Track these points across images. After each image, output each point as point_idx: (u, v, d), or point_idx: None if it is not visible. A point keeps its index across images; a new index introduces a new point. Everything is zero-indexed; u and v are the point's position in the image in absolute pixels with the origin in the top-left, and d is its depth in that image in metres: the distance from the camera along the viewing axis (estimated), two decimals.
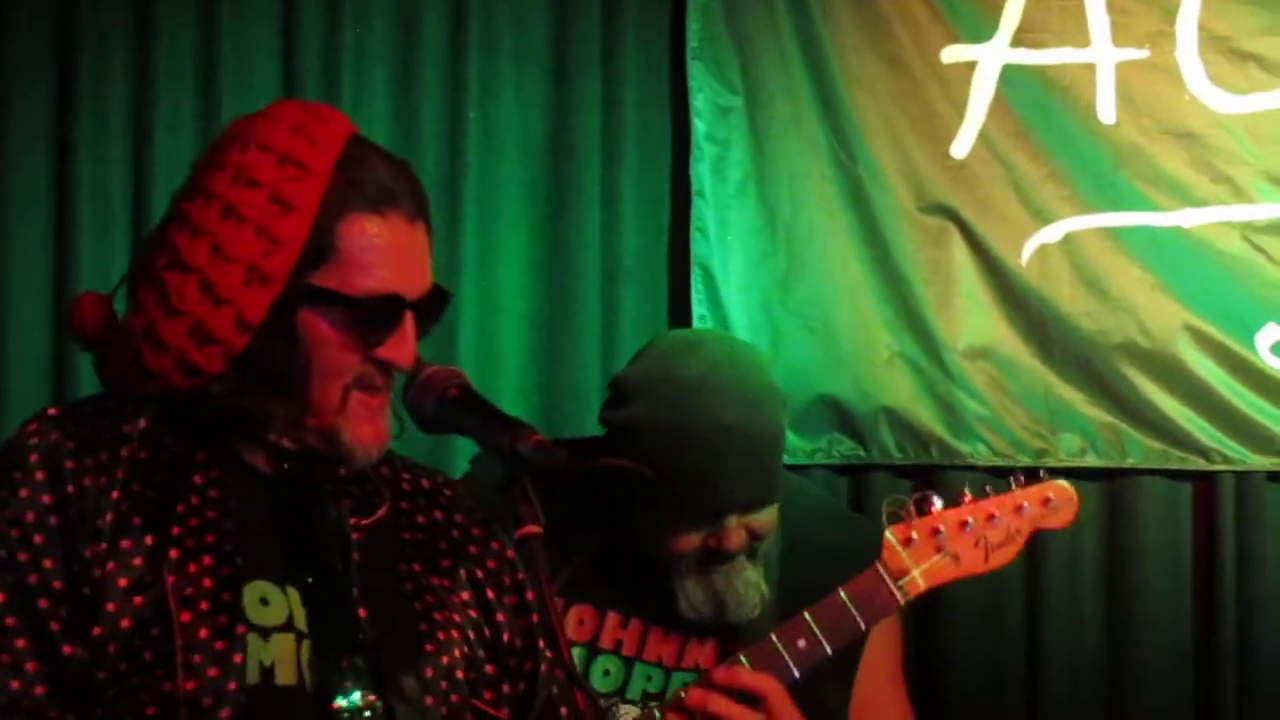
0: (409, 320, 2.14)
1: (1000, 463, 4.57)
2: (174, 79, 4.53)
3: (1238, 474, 4.62)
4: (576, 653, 2.89)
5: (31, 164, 4.48)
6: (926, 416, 4.68)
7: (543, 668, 2.32)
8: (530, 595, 2.32)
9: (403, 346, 2.14)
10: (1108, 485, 4.69)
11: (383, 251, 2.11)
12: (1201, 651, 4.64)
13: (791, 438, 4.69)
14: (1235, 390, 4.57)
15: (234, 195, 2.08)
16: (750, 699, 2.77)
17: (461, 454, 4.46)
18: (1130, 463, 4.64)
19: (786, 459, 4.62)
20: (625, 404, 2.85)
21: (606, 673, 2.93)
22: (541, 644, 2.31)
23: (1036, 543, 4.54)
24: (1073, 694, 4.64)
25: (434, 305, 2.19)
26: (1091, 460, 4.65)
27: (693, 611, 2.87)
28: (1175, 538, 4.67)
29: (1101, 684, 4.65)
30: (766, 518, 2.86)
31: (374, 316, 2.11)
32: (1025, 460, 4.54)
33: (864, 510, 4.45)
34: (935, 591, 4.27)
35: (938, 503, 2.71)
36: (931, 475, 4.63)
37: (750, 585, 2.86)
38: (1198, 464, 4.62)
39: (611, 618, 2.94)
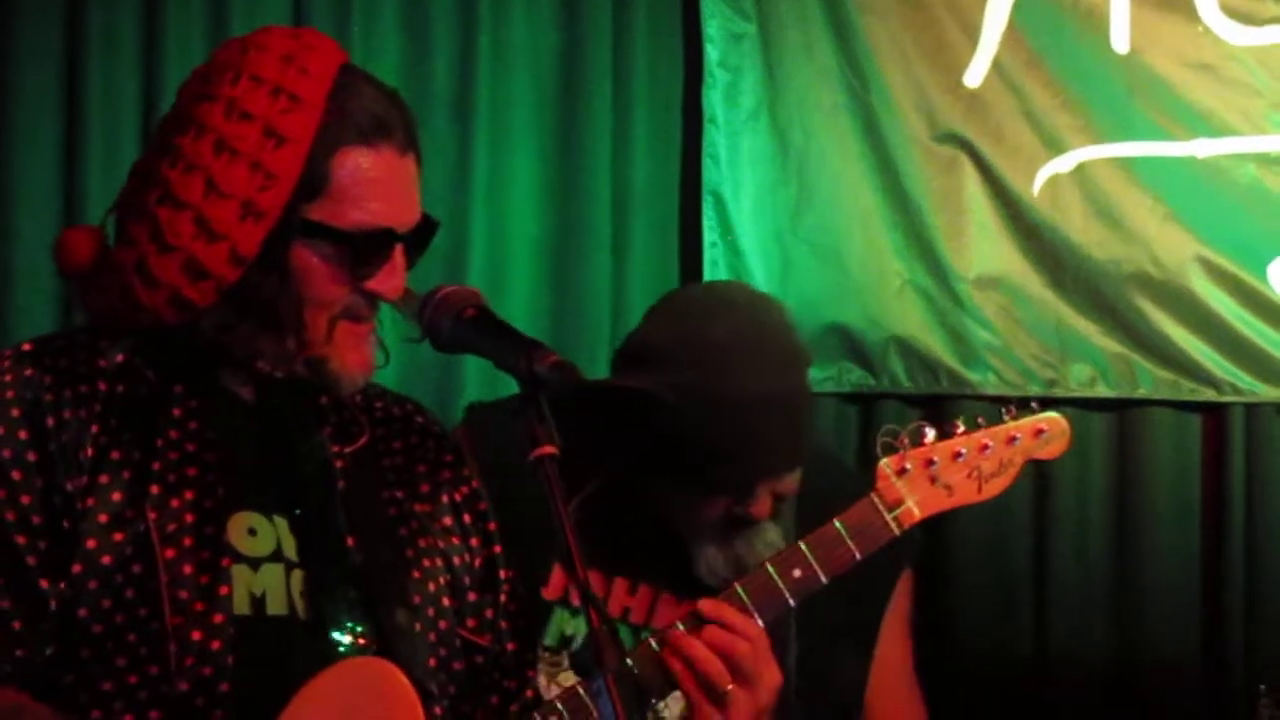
0: (399, 253, 2.13)
1: (1010, 392, 4.55)
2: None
3: (1247, 405, 4.61)
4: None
5: (40, 91, 4.38)
6: (936, 346, 4.68)
7: (502, 598, 2.29)
8: (493, 527, 2.30)
9: (392, 279, 2.13)
10: (1117, 416, 4.69)
11: (375, 184, 2.10)
12: (1209, 577, 4.64)
13: None
14: (1246, 321, 4.56)
15: (227, 129, 2.06)
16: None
17: (471, 378, 4.49)
18: (1141, 393, 4.64)
19: None
20: (648, 369, 2.70)
21: None
22: (502, 575, 2.29)
23: (1045, 473, 4.63)
24: (1081, 620, 4.64)
25: (423, 236, 2.18)
26: (1102, 390, 4.64)
27: (712, 576, 2.74)
28: (1184, 468, 4.67)
29: (1110, 609, 4.65)
30: (792, 480, 2.78)
31: (365, 250, 2.10)
32: (1036, 390, 4.54)
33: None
34: (937, 522, 4.48)
35: (931, 434, 2.67)
36: (941, 404, 4.62)
37: (771, 547, 2.74)
38: (1208, 395, 4.61)
39: (619, 583, 2.82)
